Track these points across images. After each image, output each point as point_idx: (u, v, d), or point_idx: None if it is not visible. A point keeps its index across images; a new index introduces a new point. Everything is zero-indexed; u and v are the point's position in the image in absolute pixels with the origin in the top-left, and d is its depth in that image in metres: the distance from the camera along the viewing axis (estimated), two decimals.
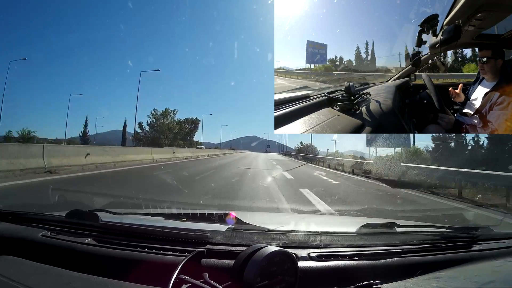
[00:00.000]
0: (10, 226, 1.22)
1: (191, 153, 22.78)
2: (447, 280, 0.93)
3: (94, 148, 11.23)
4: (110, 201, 3.95)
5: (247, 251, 0.81)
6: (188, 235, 1.04)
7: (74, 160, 9.04)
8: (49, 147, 8.60)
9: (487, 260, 1.12)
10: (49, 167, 7.72)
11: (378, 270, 0.96)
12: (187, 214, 1.54)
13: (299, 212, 4.27)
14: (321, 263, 0.95)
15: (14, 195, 4.78)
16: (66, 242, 1.07)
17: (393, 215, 4.62)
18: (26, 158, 7.35)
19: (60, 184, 6.21)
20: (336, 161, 16.60)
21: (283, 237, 1.06)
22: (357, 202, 5.56)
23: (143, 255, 0.97)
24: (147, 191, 5.55)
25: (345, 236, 1.17)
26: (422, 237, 1.24)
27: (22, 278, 0.86)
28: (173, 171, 10.48)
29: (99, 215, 1.19)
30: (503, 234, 1.38)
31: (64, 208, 1.35)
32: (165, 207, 2.31)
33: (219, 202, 4.65)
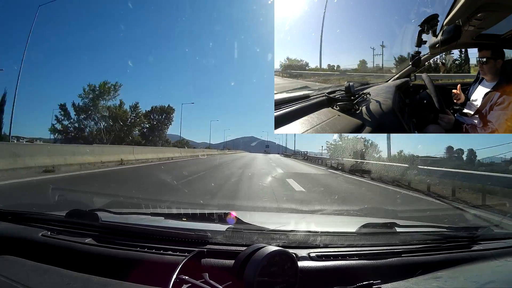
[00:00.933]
0: (10, 226, 1.22)
1: (157, 153, 15.43)
2: (447, 280, 0.93)
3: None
4: (110, 200, 3.95)
5: (247, 251, 0.81)
6: (188, 235, 1.04)
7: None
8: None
9: (487, 260, 1.12)
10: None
11: (378, 270, 0.96)
12: (187, 213, 1.54)
13: (299, 212, 4.28)
14: (321, 263, 0.95)
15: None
16: (66, 242, 1.07)
17: (393, 215, 4.62)
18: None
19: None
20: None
21: (283, 237, 1.06)
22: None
23: (143, 255, 0.97)
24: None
25: (345, 236, 1.17)
26: (422, 237, 1.24)
27: (22, 278, 0.86)
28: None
29: (99, 215, 1.19)
30: (503, 234, 1.39)
31: (64, 208, 1.35)
32: (165, 207, 2.31)
33: (218, 202, 4.65)
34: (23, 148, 8.83)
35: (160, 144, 31.22)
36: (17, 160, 7.06)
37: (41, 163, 7.52)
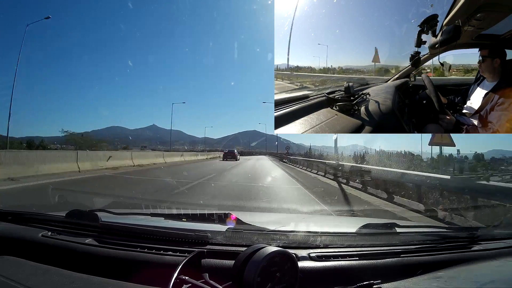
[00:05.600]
0: (10, 226, 1.22)
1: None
2: (447, 280, 0.93)
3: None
4: (111, 201, 3.94)
5: (247, 251, 0.81)
6: (188, 235, 1.04)
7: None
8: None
9: (487, 260, 1.12)
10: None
11: (378, 270, 0.96)
12: (187, 214, 1.54)
13: (299, 212, 4.28)
14: (321, 263, 0.95)
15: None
16: (66, 242, 1.07)
17: (393, 215, 4.63)
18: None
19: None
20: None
21: (283, 237, 1.06)
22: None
23: (143, 255, 0.97)
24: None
25: (345, 236, 1.17)
26: (422, 237, 1.24)
27: (22, 278, 0.86)
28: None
29: (99, 215, 1.19)
30: (503, 234, 1.38)
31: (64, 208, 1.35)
32: (165, 207, 2.30)
33: (219, 202, 4.65)
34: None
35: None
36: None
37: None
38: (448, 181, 5.12)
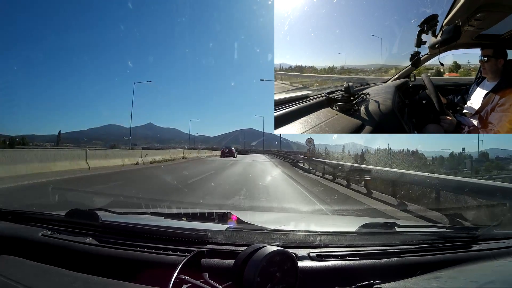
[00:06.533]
0: (10, 226, 1.22)
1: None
2: (447, 280, 0.93)
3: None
4: (111, 200, 3.94)
5: (247, 251, 0.80)
6: (188, 234, 1.03)
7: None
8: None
9: (487, 260, 1.11)
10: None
11: (378, 270, 0.96)
12: (187, 213, 1.54)
13: (299, 212, 4.27)
14: (321, 263, 0.95)
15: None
16: (66, 242, 1.07)
17: (393, 215, 4.62)
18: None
19: None
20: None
21: (283, 236, 1.06)
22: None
23: (143, 255, 0.97)
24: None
25: (345, 236, 1.16)
26: (422, 237, 1.24)
27: (22, 278, 0.86)
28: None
29: (99, 215, 1.19)
30: (503, 234, 1.38)
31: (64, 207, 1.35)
32: (165, 207, 2.30)
33: (219, 202, 4.65)
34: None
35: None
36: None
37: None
38: (481, 186, 3.97)
